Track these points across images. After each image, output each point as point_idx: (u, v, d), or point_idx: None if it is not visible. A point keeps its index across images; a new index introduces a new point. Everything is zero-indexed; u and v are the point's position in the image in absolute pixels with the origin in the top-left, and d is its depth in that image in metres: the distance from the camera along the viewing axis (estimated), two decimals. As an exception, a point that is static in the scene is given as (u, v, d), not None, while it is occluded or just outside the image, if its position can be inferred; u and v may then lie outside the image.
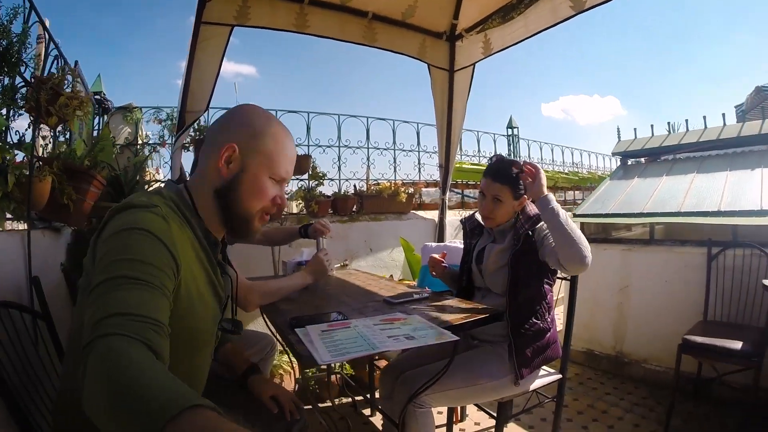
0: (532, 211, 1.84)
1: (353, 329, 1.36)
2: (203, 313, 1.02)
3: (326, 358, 1.14)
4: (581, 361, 3.43)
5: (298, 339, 1.30)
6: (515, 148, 6.10)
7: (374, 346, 1.20)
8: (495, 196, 1.87)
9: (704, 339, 2.28)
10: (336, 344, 1.22)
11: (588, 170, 7.99)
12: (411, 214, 4.17)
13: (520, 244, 1.79)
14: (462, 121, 3.85)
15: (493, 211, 1.89)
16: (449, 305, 1.73)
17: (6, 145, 1.55)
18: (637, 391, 2.92)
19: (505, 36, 3.18)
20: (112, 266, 0.77)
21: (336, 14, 3.14)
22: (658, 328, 3.01)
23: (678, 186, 3.47)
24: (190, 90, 2.71)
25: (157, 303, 0.77)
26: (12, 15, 1.55)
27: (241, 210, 1.07)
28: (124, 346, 0.65)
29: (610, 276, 3.31)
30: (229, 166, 1.04)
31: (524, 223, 1.81)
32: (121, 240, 0.82)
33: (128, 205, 0.90)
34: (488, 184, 1.90)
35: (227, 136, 1.05)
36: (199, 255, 1.02)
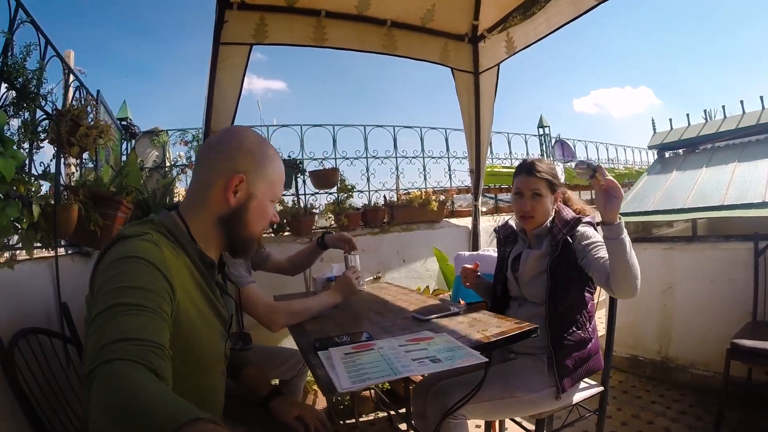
0: (568, 215, 1.77)
1: (377, 352, 1.31)
2: (207, 333, 1.03)
3: (346, 385, 1.09)
4: (625, 367, 3.26)
5: (320, 362, 1.27)
6: (548, 147, 5.94)
7: (397, 370, 1.16)
8: (534, 191, 1.80)
9: (754, 343, 2.12)
10: (357, 369, 1.18)
11: (624, 166, 7.71)
12: (443, 222, 4.09)
13: (558, 251, 1.72)
14: (490, 124, 3.75)
15: (534, 207, 1.81)
16: (480, 320, 1.64)
17: (29, 177, 1.58)
18: (684, 398, 2.75)
19: (528, 33, 3.08)
20: (109, 295, 0.79)
21: (354, 25, 3.12)
22: (705, 330, 2.83)
23: (719, 177, 3.30)
24: (213, 110, 2.74)
25: (156, 326, 0.79)
26: (25, 52, 1.58)
27: (247, 234, 1.11)
28: (127, 370, 0.67)
29: (653, 276, 3.11)
30: (236, 195, 1.05)
31: (561, 228, 1.74)
32: (115, 270, 0.84)
33: (120, 236, 0.92)
34: (525, 180, 1.83)
35: (232, 164, 1.06)
36: (195, 278, 1.03)
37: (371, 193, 4.06)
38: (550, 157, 5.95)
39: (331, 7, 2.97)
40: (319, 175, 3.67)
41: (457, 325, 1.60)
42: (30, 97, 1.58)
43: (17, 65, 1.53)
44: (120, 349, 0.70)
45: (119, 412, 0.60)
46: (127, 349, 0.70)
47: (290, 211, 3.40)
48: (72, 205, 1.71)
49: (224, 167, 1.05)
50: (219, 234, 1.09)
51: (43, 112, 1.71)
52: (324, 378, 1.17)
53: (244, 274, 1.77)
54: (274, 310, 1.74)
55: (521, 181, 1.85)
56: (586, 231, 1.72)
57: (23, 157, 1.42)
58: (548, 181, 1.81)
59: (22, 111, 1.59)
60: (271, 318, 1.72)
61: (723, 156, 3.61)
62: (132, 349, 0.71)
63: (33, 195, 1.51)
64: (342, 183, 3.72)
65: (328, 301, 1.89)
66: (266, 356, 2.15)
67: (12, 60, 1.53)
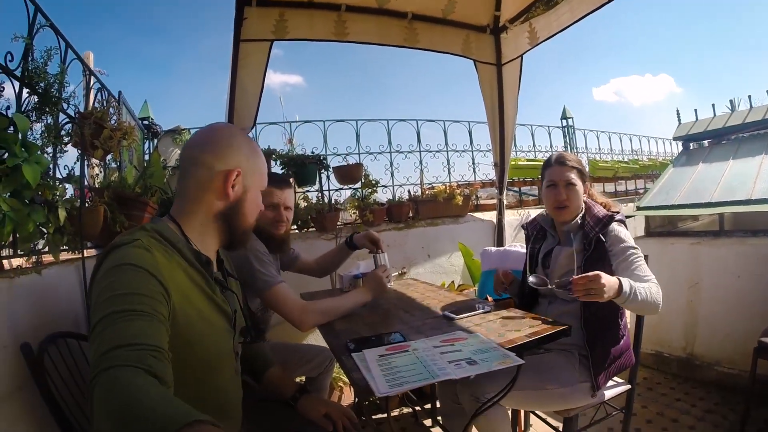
0: (599, 212, 1.77)
1: (412, 353, 1.31)
2: (210, 332, 1.04)
3: (383, 389, 1.09)
4: (650, 363, 3.19)
5: (354, 365, 1.26)
6: (571, 139, 5.83)
7: (435, 374, 1.16)
8: (568, 181, 1.81)
9: None
10: (393, 372, 1.18)
11: (648, 157, 7.53)
12: (468, 216, 4.02)
13: (591, 249, 1.71)
14: (515, 116, 3.68)
15: (569, 197, 1.80)
16: (512, 319, 1.63)
17: (54, 181, 1.58)
18: (709, 396, 2.68)
19: (551, 23, 3.00)
20: (104, 305, 0.81)
21: (375, 18, 3.08)
22: (732, 328, 2.75)
23: (746, 170, 3.22)
24: (235, 108, 2.73)
25: (153, 330, 0.81)
26: (46, 57, 1.57)
27: (245, 226, 1.17)
28: (127, 375, 0.69)
29: (679, 272, 3.06)
30: (233, 189, 1.10)
31: (594, 226, 1.73)
32: (109, 279, 0.86)
33: (111, 246, 0.94)
34: (557, 170, 1.84)
35: (227, 160, 1.09)
36: (193, 278, 1.04)
37: (395, 187, 4.02)
38: (574, 149, 5.83)
39: (352, 1, 2.93)
40: (343, 171, 3.64)
41: (489, 324, 1.58)
42: (52, 101, 1.58)
43: (38, 70, 1.53)
44: (119, 356, 0.72)
45: (120, 417, 0.62)
46: (125, 354, 0.72)
47: (315, 207, 3.38)
48: (97, 207, 1.72)
49: (221, 163, 1.08)
50: (218, 229, 1.12)
51: (65, 116, 1.71)
52: (360, 381, 1.17)
53: (274, 273, 1.76)
54: (304, 309, 1.73)
55: (553, 172, 1.85)
56: (618, 232, 1.72)
57: (47, 162, 1.42)
58: (578, 170, 1.83)
59: (45, 115, 1.59)
60: (301, 317, 1.71)
61: (750, 147, 3.52)
62: (130, 355, 0.72)
63: (58, 199, 1.51)
64: (366, 178, 3.68)
65: (357, 300, 1.88)
66: (293, 353, 2.14)
67: (33, 65, 1.53)
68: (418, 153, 4.21)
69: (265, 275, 1.72)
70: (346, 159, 3.86)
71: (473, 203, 4.18)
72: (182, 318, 0.94)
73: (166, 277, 0.92)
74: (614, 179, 6.19)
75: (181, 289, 0.97)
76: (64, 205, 1.52)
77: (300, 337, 2.93)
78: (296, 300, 1.75)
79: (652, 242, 3.36)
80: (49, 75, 1.55)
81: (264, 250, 1.80)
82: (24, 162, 1.27)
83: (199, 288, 1.05)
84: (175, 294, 0.93)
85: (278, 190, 1.92)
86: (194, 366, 0.99)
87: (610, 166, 6.05)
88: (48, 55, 1.56)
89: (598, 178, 5.98)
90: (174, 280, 0.95)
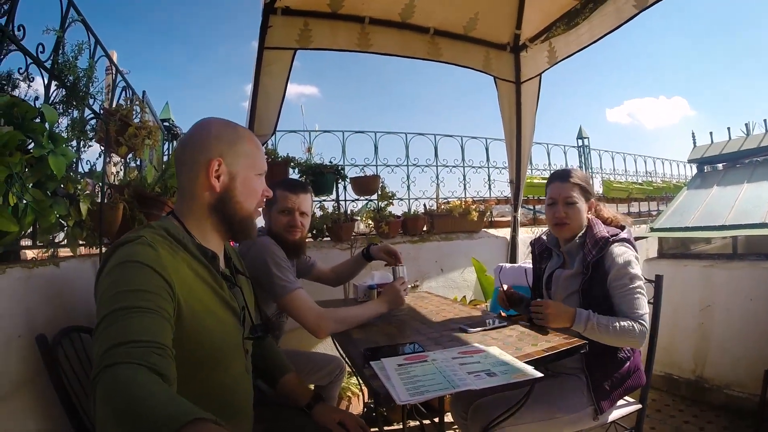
0: (599, 232, 1.72)
1: (431, 364, 1.29)
2: (217, 327, 1.04)
3: (404, 398, 1.08)
4: (659, 385, 3.15)
5: (373, 373, 1.25)
6: (587, 159, 5.80)
7: (455, 384, 1.14)
8: (567, 198, 1.78)
9: None
10: (413, 381, 1.17)
11: (662, 179, 7.50)
12: (482, 232, 4.02)
13: (589, 273, 1.68)
14: (532, 134, 3.69)
15: (568, 214, 1.77)
16: (529, 334, 1.60)
17: (77, 175, 1.58)
18: (719, 419, 2.64)
19: (570, 43, 3.02)
20: (108, 302, 0.81)
21: (398, 32, 3.11)
22: (742, 351, 2.72)
23: (761, 193, 3.23)
24: (256, 115, 2.74)
25: (157, 326, 0.80)
26: (77, 51, 1.59)
27: (242, 213, 1.15)
28: (129, 373, 0.68)
29: (691, 294, 3.04)
30: (219, 179, 1.09)
31: (591, 249, 1.70)
32: (113, 276, 0.86)
33: (117, 244, 0.94)
34: (558, 187, 1.81)
35: (206, 153, 1.09)
36: (199, 273, 1.04)
37: (411, 201, 4.03)
38: (589, 169, 5.80)
39: (375, 14, 2.96)
40: (360, 182, 3.65)
41: (507, 338, 1.56)
42: (79, 95, 1.59)
43: (68, 63, 1.54)
44: (122, 353, 0.71)
45: (122, 414, 0.61)
46: (128, 352, 0.72)
47: (331, 216, 3.38)
48: (118, 204, 1.71)
49: (201, 158, 1.08)
50: (215, 222, 1.12)
51: (90, 111, 1.72)
52: (381, 389, 1.15)
53: (292, 279, 1.75)
54: (322, 316, 1.71)
55: (554, 188, 1.83)
56: (617, 256, 1.67)
57: (73, 155, 1.42)
58: (581, 187, 1.80)
59: (71, 109, 1.60)
60: (318, 324, 1.70)
61: (764, 171, 3.53)
62: (133, 352, 0.72)
63: (80, 193, 1.51)
64: (383, 190, 3.69)
65: (375, 310, 1.86)
66: (304, 361, 2.12)
67: (63, 58, 1.54)
68: (434, 167, 4.23)
69: (284, 280, 1.71)
70: (363, 170, 3.88)
71: (488, 219, 4.18)
72: (188, 312, 0.94)
73: (171, 273, 0.92)
74: (628, 200, 6.18)
75: (186, 284, 0.97)
76: (87, 200, 1.52)
77: (311, 346, 2.92)
78: (314, 306, 1.73)
79: (665, 264, 3.33)
80: (79, 69, 1.56)
81: (283, 255, 1.79)
82: (50, 153, 1.27)
83: (205, 283, 1.05)
84: (180, 289, 0.94)
85: (292, 194, 1.91)
86: (201, 361, 0.99)
87: (624, 187, 6.03)
88: (79, 50, 1.58)
89: (611, 199, 5.97)
90: (179, 275, 0.95)
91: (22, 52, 1.38)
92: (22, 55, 1.38)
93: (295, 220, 1.92)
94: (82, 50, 1.60)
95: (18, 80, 1.39)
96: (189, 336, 0.93)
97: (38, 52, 1.44)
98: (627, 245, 1.70)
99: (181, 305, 0.93)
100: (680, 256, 3.40)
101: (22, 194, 1.21)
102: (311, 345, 2.95)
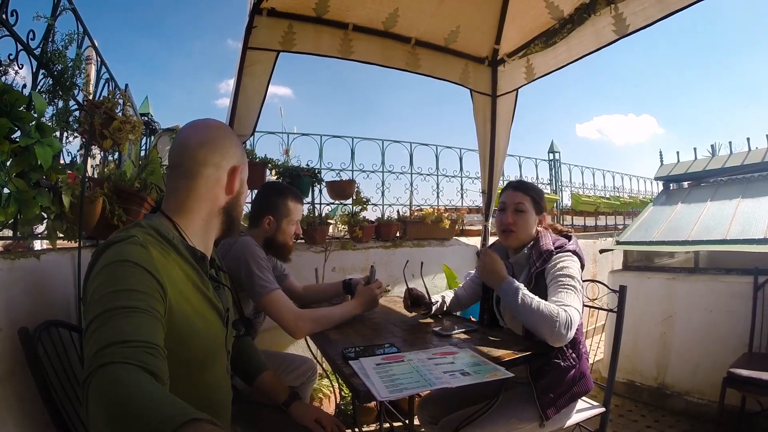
0: (545, 245, 1.75)
1: (408, 363, 1.34)
2: (205, 328, 1.04)
3: (384, 394, 1.12)
4: (622, 392, 3.31)
5: (353, 372, 1.29)
6: (557, 173, 5.96)
7: (431, 382, 1.19)
8: (517, 206, 1.82)
9: (750, 372, 2.23)
10: (392, 379, 1.21)
11: (629, 194, 7.78)
12: (454, 240, 4.11)
13: (533, 284, 1.72)
14: (506, 147, 3.77)
15: (516, 221, 1.81)
16: (498, 338, 1.67)
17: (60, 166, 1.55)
18: (679, 424, 2.81)
19: (548, 61, 3.11)
20: (101, 301, 0.80)
21: (380, 40, 3.14)
22: (702, 360, 2.91)
23: (723, 212, 3.42)
24: (237, 114, 2.73)
25: (149, 327, 0.80)
26: (68, 41, 1.57)
27: (240, 214, 1.25)
28: (122, 373, 0.68)
29: (654, 305, 3.22)
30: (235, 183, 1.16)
31: (536, 261, 1.73)
32: (104, 275, 0.85)
33: (108, 243, 0.94)
34: (510, 194, 1.86)
35: (231, 159, 1.15)
36: (188, 274, 1.04)
37: (385, 207, 4.08)
38: (559, 182, 5.97)
39: (359, 21, 2.99)
40: (336, 186, 3.68)
41: (477, 341, 1.63)
42: (66, 85, 1.56)
43: (58, 53, 1.52)
44: (114, 353, 0.71)
45: (116, 415, 0.61)
46: (120, 351, 0.71)
47: (306, 219, 3.39)
48: (98, 198, 1.69)
49: (226, 161, 1.14)
50: (221, 222, 1.18)
51: (75, 102, 1.69)
52: (361, 386, 1.19)
53: (272, 279, 1.77)
54: (300, 317, 1.75)
55: (506, 195, 1.87)
56: (557, 260, 1.70)
57: (59, 146, 1.39)
58: (534, 199, 1.83)
59: (57, 99, 1.58)
60: (296, 324, 1.73)
61: (727, 191, 3.73)
62: (126, 352, 0.72)
63: (63, 185, 1.49)
64: (357, 195, 3.72)
65: (350, 312, 1.90)
66: (278, 362, 2.13)
67: (52, 46, 1.52)
68: (409, 174, 4.29)
69: (264, 280, 1.73)
70: (339, 175, 3.90)
71: (459, 228, 4.26)
72: (178, 314, 0.95)
73: (162, 274, 0.91)
74: (595, 214, 6.36)
75: (177, 285, 0.97)
76: (68, 192, 1.50)
77: (284, 347, 2.92)
78: (292, 307, 1.76)
79: (630, 276, 3.48)
80: (68, 59, 1.54)
81: (264, 255, 1.81)
82: (37, 144, 1.25)
83: (194, 284, 1.05)
84: (172, 290, 0.94)
85: (301, 206, 2.04)
86: (188, 362, 1.00)
87: (592, 201, 6.21)
88: (70, 39, 1.56)
89: (580, 212, 6.15)
90: (170, 276, 0.95)
91: (14, 39, 1.35)
92: (13, 42, 1.36)
93: (299, 229, 2.04)
94: (73, 39, 1.58)
95: (6, 67, 1.36)
96: (179, 337, 0.94)
97: (29, 39, 1.41)
98: (570, 255, 1.72)
99: (173, 306, 0.93)
100: (644, 268, 3.56)
101: (5, 184, 1.19)
102: (284, 346, 2.96)
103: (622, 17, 2.49)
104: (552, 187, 6.01)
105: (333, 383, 2.76)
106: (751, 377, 2.20)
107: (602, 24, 2.61)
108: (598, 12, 2.59)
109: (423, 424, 1.93)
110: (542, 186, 5.79)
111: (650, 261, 3.73)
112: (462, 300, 2.17)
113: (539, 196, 1.86)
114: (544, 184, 5.90)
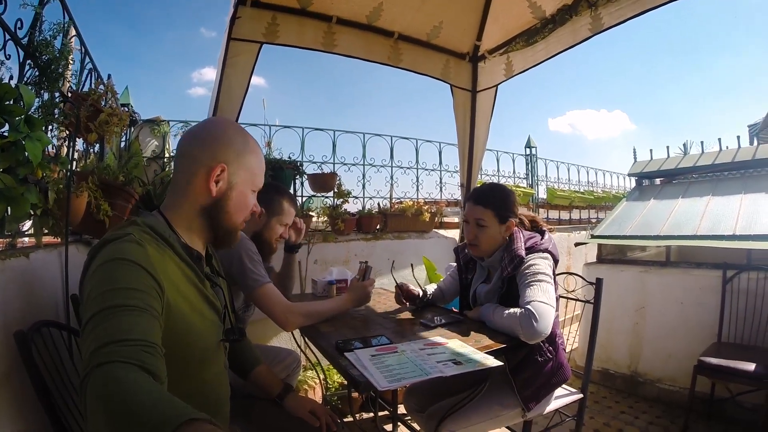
0: (517, 249, 1.75)
1: (402, 354, 1.38)
2: (202, 326, 1.04)
3: (384, 384, 1.16)
4: (597, 380, 3.44)
5: (350, 363, 1.32)
6: (533, 167, 6.06)
7: (426, 371, 1.23)
8: (478, 221, 1.82)
9: (719, 360, 2.37)
10: (389, 369, 1.25)
11: (603, 189, 7.96)
12: (433, 233, 4.17)
13: (505, 287, 1.75)
14: (485, 142, 3.83)
15: (477, 237, 1.83)
16: (485, 328, 1.71)
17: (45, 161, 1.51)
18: (652, 410, 2.95)
19: (527, 58, 3.19)
20: (97, 301, 0.79)
21: (363, 34, 3.14)
22: (673, 349, 3.04)
23: (694, 208, 3.55)
24: (219, 105, 2.70)
25: (147, 325, 0.79)
26: (56, 31, 1.52)
27: (228, 224, 1.15)
28: (120, 372, 0.67)
29: (627, 297, 3.34)
30: (217, 184, 1.09)
31: (507, 266, 1.74)
32: (101, 274, 0.85)
33: (103, 241, 0.93)
34: (470, 208, 1.85)
35: (213, 154, 1.09)
36: (185, 272, 1.03)
37: (366, 199, 4.09)
38: (535, 177, 6.07)
39: (343, 14, 2.98)
40: (318, 179, 3.67)
41: (465, 331, 1.67)
42: (53, 77, 1.52)
43: (45, 43, 1.47)
44: (112, 352, 0.70)
45: (115, 414, 0.60)
46: (118, 350, 0.71)
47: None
48: (83, 193, 1.64)
49: (206, 157, 1.08)
50: (202, 224, 1.12)
51: (60, 94, 1.64)
52: (360, 377, 1.22)
53: (264, 273, 1.77)
54: (291, 310, 1.76)
55: (468, 208, 1.87)
56: (528, 260, 1.72)
57: (48, 141, 1.35)
58: (495, 211, 1.80)
59: (43, 91, 1.53)
60: (287, 318, 1.74)
61: (698, 189, 3.86)
62: (123, 350, 0.71)
63: (48, 180, 1.45)
64: (339, 188, 3.72)
65: (342, 306, 1.92)
66: (264, 355, 2.13)
67: (40, 36, 1.47)
68: (390, 168, 4.31)
69: (256, 274, 1.74)
70: (321, 167, 3.90)
71: (438, 221, 4.31)
72: (176, 312, 0.94)
73: (159, 272, 0.91)
74: (570, 207, 6.50)
75: (174, 284, 0.97)
76: (54, 187, 1.46)
77: (267, 339, 2.92)
78: (283, 301, 1.77)
79: (604, 268, 3.58)
80: (55, 49, 1.49)
81: (255, 250, 1.82)
82: (26, 138, 1.22)
83: (190, 282, 1.04)
84: (169, 288, 0.93)
85: (295, 210, 2.08)
86: (187, 360, 0.99)
87: (567, 195, 6.33)
88: (58, 29, 1.51)
89: (555, 206, 6.27)
90: (167, 275, 0.94)
91: (2, 28, 1.30)
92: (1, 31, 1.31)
93: (286, 233, 2.06)
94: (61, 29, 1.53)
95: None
96: (177, 335, 0.93)
97: (16, 28, 1.37)
98: (541, 254, 1.74)
99: (170, 305, 0.93)
100: (618, 261, 3.67)
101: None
102: (267, 338, 2.95)
103: (599, 17, 2.58)
104: (528, 181, 6.11)
105: (318, 374, 2.77)
106: (720, 365, 2.33)
107: (581, 23, 2.70)
108: (580, 13, 2.65)
109: (410, 413, 1.98)
110: (519, 180, 5.91)
111: (623, 254, 3.84)
112: (446, 294, 2.22)
113: (503, 206, 1.82)
114: (520, 178, 6.00)
